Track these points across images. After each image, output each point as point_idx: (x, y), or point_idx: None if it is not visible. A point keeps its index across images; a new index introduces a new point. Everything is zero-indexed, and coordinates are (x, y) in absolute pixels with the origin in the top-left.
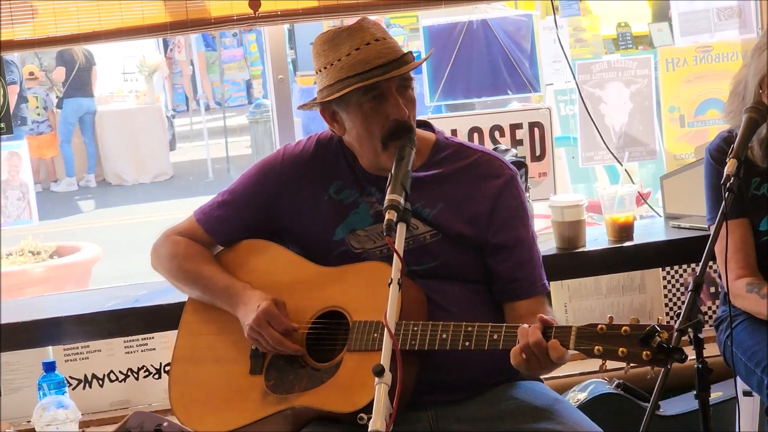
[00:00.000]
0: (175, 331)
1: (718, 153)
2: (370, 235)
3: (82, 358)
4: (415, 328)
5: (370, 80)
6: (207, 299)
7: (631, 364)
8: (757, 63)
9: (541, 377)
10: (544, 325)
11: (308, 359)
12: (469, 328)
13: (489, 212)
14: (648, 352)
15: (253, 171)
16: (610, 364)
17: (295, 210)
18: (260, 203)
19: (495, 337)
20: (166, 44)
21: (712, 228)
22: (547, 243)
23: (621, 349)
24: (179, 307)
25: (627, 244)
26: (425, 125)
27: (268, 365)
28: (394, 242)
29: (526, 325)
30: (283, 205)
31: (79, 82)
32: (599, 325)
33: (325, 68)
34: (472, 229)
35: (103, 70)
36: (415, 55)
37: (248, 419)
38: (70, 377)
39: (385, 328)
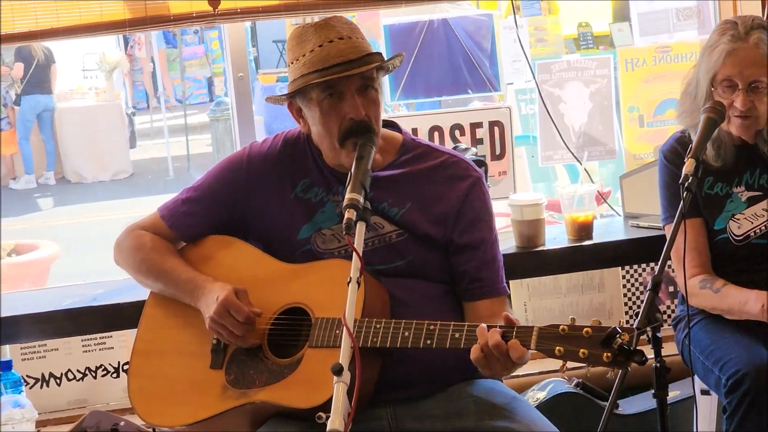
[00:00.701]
0: (134, 330)
1: (671, 154)
2: (336, 234)
3: (39, 357)
4: (378, 326)
5: (326, 78)
6: (169, 293)
7: (592, 366)
8: (708, 61)
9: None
10: (507, 324)
11: (269, 354)
12: (431, 327)
13: (456, 213)
14: (609, 354)
15: (219, 168)
16: (570, 364)
17: (259, 208)
18: (225, 200)
19: (457, 335)
20: (126, 41)
21: (667, 228)
22: (506, 242)
23: (582, 350)
24: (138, 305)
25: (586, 243)
26: (392, 125)
27: (229, 360)
28: (353, 241)
29: (484, 325)
30: (248, 203)
31: (38, 79)
32: (561, 326)
33: (293, 63)
34: (438, 230)
35: (63, 67)
36: (382, 55)
37: (207, 413)
38: (27, 376)
39: (344, 327)
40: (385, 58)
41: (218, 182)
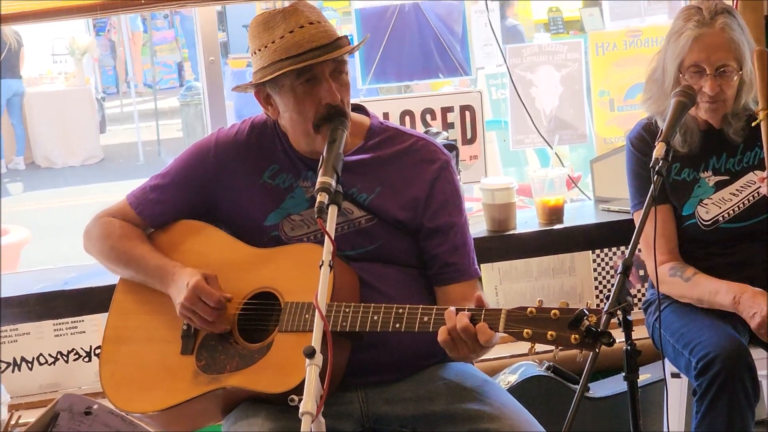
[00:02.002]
0: (106, 314)
1: (638, 141)
2: (306, 220)
3: (11, 341)
4: (347, 310)
5: (303, 63)
6: (139, 279)
7: (560, 348)
8: (674, 47)
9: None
10: (477, 307)
11: (239, 339)
12: (400, 310)
13: (425, 197)
14: (576, 336)
15: (186, 154)
16: (540, 347)
17: (227, 194)
18: (193, 187)
19: (425, 319)
20: (104, 26)
21: (636, 215)
22: (477, 225)
23: (550, 332)
24: (109, 289)
25: (557, 226)
26: (360, 109)
27: (200, 345)
28: (325, 224)
29: (452, 308)
30: (216, 189)
31: (7, 64)
32: (529, 309)
33: (260, 50)
34: (408, 214)
35: (32, 52)
36: (349, 38)
37: (179, 399)
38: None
39: (316, 310)
40: (354, 43)
41: (186, 169)
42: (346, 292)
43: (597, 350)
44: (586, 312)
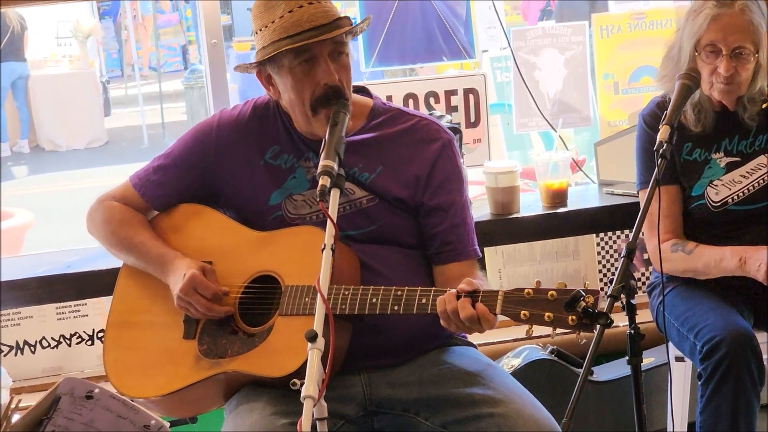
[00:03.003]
0: (109, 298)
1: (651, 118)
2: (307, 200)
3: (14, 325)
4: (346, 293)
5: (300, 43)
6: (140, 266)
7: (558, 329)
8: (692, 26)
9: (475, 343)
10: (471, 289)
11: (240, 323)
12: (399, 293)
13: (426, 175)
14: (573, 317)
15: (189, 135)
16: (539, 330)
17: (230, 174)
18: (195, 168)
19: (423, 301)
20: (108, 9)
21: (642, 194)
22: (481, 209)
23: (547, 313)
24: (112, 273)
25: (561, 210)
26: (363, 91)
27: (201, 330)
28: (327, 208)
29: (453, 291)
30: (219, 170)
31: (12, 47)
32: (526, 290)
33: (261, 30)
34: (409, 193)
35: (36, 35)
36: (351, 19)
37: (181, 384)
38: (2, 344)
39: (318, 294)
40: (354, 23)
41: (188, 150)
42: (346, 275)
43: (594, 331)
44: (583, 293)
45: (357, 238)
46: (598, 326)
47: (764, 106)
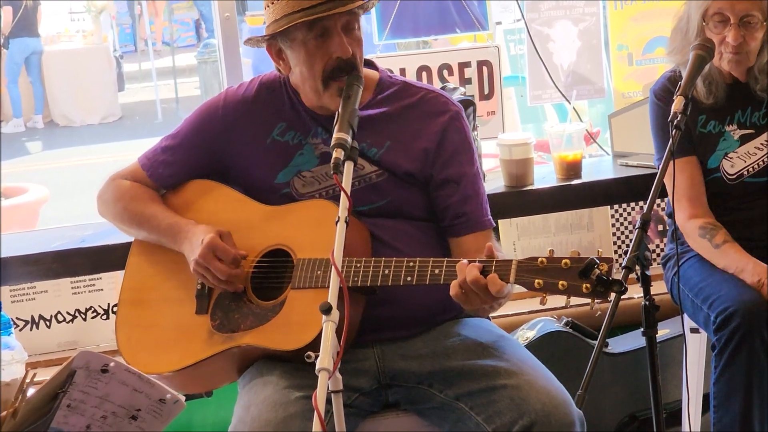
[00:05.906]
0: (123, 272)
1: (663, 93)
2: (316, 176)
3: (29, 299)
4: (358, 265)
5: (314, 15)
6: (153, 239)
7: (572, 298)
8: None
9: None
10: (488, 257)
11: (253, 297)
12: (411, 264)
13: (435, 148)
14: (588, 285)
15: (195, 115)
16: (553, 302)
17: (237, 153)
18: (202, 147)
19: (436, 272)
20: None
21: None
22: (495, 181)
23: (561, 282)
24: (126, 246)
25: (575, 182)
26: (369, 64)
27: (214, 304)
28: (341, 180)
29: (465, 261)
30: (226, 148)
31: (25, 22)
32: (539, 259)
33: (273, 3)
34: (418, 166)
35: (50, 10)
36: None
37: (194, 359)
38: (17, 318)
39: (332, 267)
40: None
41: (195, 129)
42: (358, 247)
43: (609, 299)
44: (597, 260)
45: (367, 213)
46: (612, 294)
47: None
